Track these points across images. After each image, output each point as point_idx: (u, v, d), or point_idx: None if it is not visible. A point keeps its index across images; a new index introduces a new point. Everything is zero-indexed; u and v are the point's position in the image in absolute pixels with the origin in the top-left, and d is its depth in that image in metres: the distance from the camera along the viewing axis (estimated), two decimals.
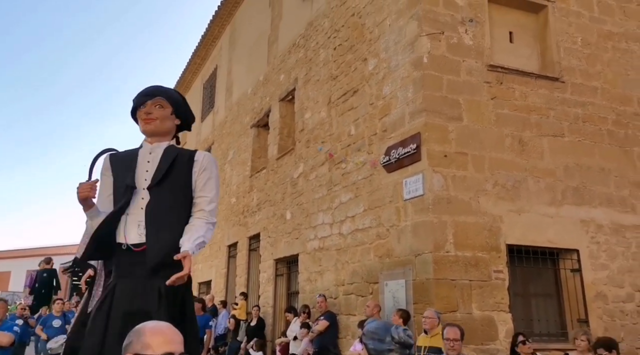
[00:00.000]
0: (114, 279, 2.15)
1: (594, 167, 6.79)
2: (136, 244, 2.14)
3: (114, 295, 2.08)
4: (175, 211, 2.21)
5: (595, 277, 6.41)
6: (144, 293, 2.06)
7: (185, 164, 2.28)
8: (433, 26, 6.30)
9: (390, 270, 6.34)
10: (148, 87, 2.41)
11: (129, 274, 2.12)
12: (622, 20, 7.62)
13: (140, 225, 2.15)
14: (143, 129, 2.35)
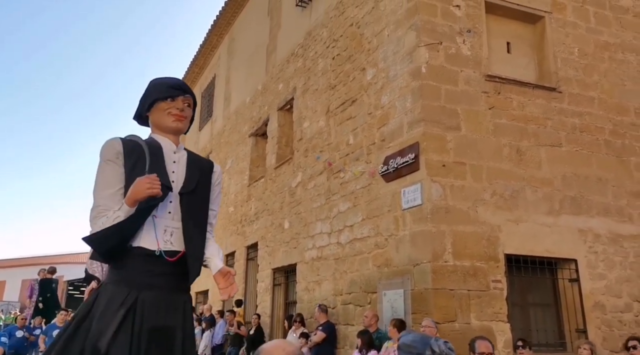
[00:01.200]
0: (130, 289, 1.82)
1: (592, 177, 6.81)
2: (167, 252, 1.89)
3: (136, 308, 1.80)
4: (203, 221, 2.05)
5: (593, 286, 6.41)
6: (170, 308, 1.87)
7: (208, 173, 2.12)
8: (431, 36, 6.34)
9: (389, 280, 6.32)
10: (174, 79, 2.11)
11: (153, 285, 1.86)
12: (618, 31, 7.69)
13: (167, 231, 1.92)
14: (169, 125, 2.02)
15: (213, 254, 2.05)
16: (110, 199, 1.86)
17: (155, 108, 2.04)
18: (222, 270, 1.99)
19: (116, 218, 1.79)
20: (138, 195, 1.79)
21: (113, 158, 1.91)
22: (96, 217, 1.84)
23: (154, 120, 2.05)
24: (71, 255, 27.63)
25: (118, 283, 1.85)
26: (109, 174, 1.89)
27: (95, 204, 1.87)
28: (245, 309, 10.71)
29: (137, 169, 1.90)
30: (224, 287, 1.99)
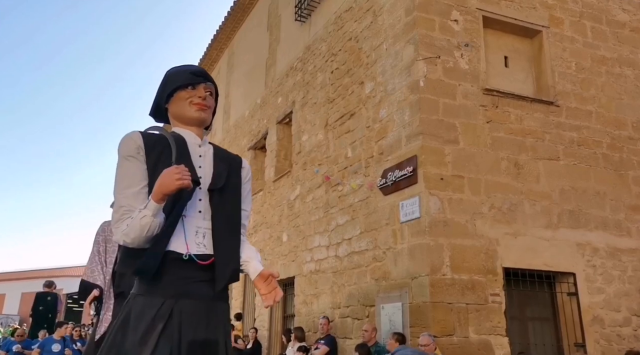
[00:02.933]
0: (165, 299, 1.62)
1: (590, 191, 6.82)
2: (199, 256, 1.68)
3: (172, 319, 1.61)
4: (236, 221, 1.82)
5: (591, 300, 6.38)
6: (210, 319, 1.67)
7: (237, 169, 1.89)
8: (429, 50, 6.39)
9: (387, 293, 6.30)
10: (194, 66, 1.89)
11: (189, 293, 1.66)
12: (615, 45, 7.75)
13: (198, 232, 1.72)
14: (191, 116, 1.81)
15: (250, 256, 1.83)
16: (134, 198, 1.65)
17: (175, 98, 1.82)
18: (262, 273, 1.78)
19: (143, 217, 1.57)
20: (167, 187, 1.57)
21: (134, 153, 1.69)
22: (120, 219, 1.63)
23: (175, 111, 1.84)
24: (71, 269, 27.53)
25: (150, 293, 1.63)
26: (130, 171, 1.68)
27: (118, 204, 1.65)
28: (243, 323, 10.64)
29: (161, 163, 1.69)
30: (266, 292, 1.78)
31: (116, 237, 1.63)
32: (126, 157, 1.69)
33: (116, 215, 1.65)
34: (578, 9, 7.60)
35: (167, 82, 1.84)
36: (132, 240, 1.60)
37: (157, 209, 1.59)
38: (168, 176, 1.58)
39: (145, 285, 1.66)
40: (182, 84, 1.82)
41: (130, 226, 1.59)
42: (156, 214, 1.59)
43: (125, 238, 1.60)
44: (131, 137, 1.72)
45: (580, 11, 7.61)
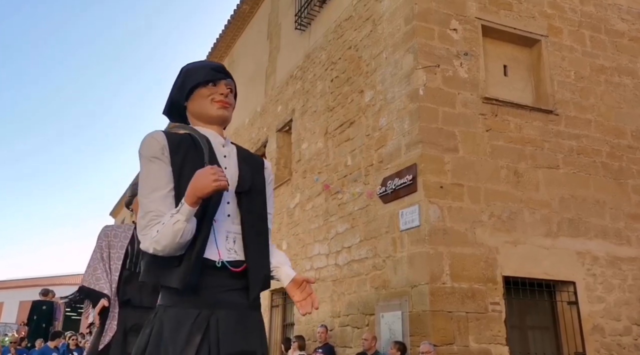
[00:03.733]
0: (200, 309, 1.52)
1: (589, 199, 6.82)
2: (231, 262, 1.58)
3: (209, 331, 1.50)
4: (263, 224, 1.72)
5: (592, 309, 6.36)
6: (246, 328, 1.57)
7: (260, 170, 1.79)
8: (429, 59, 6.42)
9: (387, 302, 6.27)
10: (213, 62, 1.80)
11: (224, 303, 1.55)
12: (614, 54, 7.79)
13: (229, 237, 1.61)
14: (213, 114, 1.71)
15: (281, 261, 1.74)
16: (161, 203, 1.52)
17: (195, 95, 1.71)
18: (296, 279, 1.68)
19: (175, 223, 1.44)
20: (202, 190, 1.45)
21: (158, 154, 1.57)
22: (148, 225, 1.50)
23: (194, 109, 1.72)
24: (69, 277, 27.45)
25: (182, 304, 1.52)
26: (156, 174, 1.56)
27: (145, 209, 1.52)
28: None
29: (188, 164, 1.58)
30: (300, 299, 1.66)
31: (145, 244, 1.49)
32: (150, 158, 1.57)
33: (143, 221, 1.52)
34: (577, 19, 7.64)
35: (186, 79, 1.72)
36: (164, 248, 1.46)
37: (190, 214, 1.47)
38: (203, 178, 1.46)
39: (177, 296, 1.53)
40: (203, 81, 1.70)
41: (161, 233, 1.46)
42: (189, 218, 1.47)
43: (155, 246, 1.47)
44: (154, 137, 1.59)
45: (579, 20, 7.65)
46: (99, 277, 3.04)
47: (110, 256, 3.09)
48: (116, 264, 3.07)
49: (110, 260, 3.09)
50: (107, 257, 3.08)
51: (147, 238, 1.49)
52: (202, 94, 1.70)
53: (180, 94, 1.73)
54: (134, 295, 3.04)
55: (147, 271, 1.56)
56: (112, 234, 3.14)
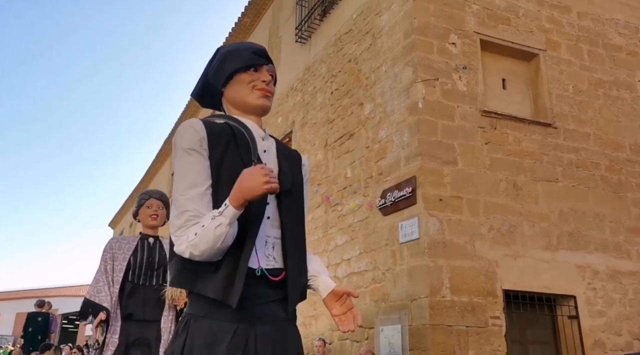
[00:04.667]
0: (237, 323, 1.34)
1: (589, 212, 6.81)
2: (270, 271, 1.40)
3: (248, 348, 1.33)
4: (302, 228, 1.55)
5: (592, 324, 6.32)
6: (285, 345, 1.41)
7: (299, 167, 1.61)
8: (428, 73, 6.46)
9: (386, 315, 6.23)
10: (255, 44, 1.60)
11: (264, 316, 1.38)
12: (612, 68, 7.83)
13: (268, 242, 1.44)
14: (254, 103, 1.53)
15: (318, 270, 1.56)
16: (199, 202, 1.35)
17: (235, 81, 1.53)
18: (336, 291, 1.52)
19: (218, 226, 1.28)
20: (251, 192, 1.28)
21: (196, 146, 1.39)
22: (184, 226, 1.33)
23: (232, 96, 1.54)
24: (66, 288, 27.28)
25: (217, 316, 1.34)
26: (193, 168, 1.37)
27: (181, 208, 1.34)
28: None
29: (228, 159, 1.41)
30: (339, 313, 1.51)
31: (180, 248, 1.32)
32: (187, 150, 1.38)
33: (178, 221, 1.34)
34: (575, 33, 7.70)
35: (225, 62, 1.54)
36: (202, 253, 1.30)
37: (235, 217, 1.30)
38: (253, 178, 1.29)
39: (211, 306, 1.34)
40: (244, 66, 1.53)
41: (200, 236, 1.29)
42: (233, 222, 1.30)
43: (192, 250, 1.30)
44: (192, 126, 1.41)
45: (576, 35, 7.71)
46: (100, 289, 3.01)
47: (114, 268, 3.06)
48: (118, 277, 3.04)
49: (113, 272, 3.06)
50: (111, 270, 3.05)
51: (182, 240, 1.32)
52: (242, 80, 1.52)
53: (217, 78, 1.55)
54: (137, 309, 3.00)
55: (178, 276, 1.38)
56: (117, 246, 3.12)
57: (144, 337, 2.97)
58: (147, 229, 3.22)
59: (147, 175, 22.56)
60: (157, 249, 3.18)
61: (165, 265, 3.14)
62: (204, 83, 1.60)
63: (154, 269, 3.11)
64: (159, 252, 3.16)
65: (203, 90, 1.61)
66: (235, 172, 1.36)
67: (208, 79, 1.57)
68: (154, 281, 3.09)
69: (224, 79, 1.53)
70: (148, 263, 3.11)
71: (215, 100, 1.60)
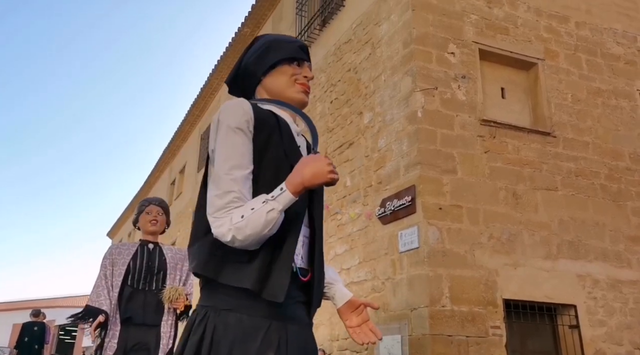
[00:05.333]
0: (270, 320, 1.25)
1: (589, 221, 6.80)
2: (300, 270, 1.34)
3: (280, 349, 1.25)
4: (322, 228, 1.48)
5: (593, 333, 6.28)
6: (308, 350, 1.35)
7: None
8: (427, 82, 6.48)
9: (386, 325, 6.19)
10: (299, 40, 1.58)
11: (295, 316, 1.31)
12: (610, 77, 7.87)
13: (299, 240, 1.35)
14: (294, 97, 1.47)
15: (335, 278, 1.49)
16: (243, 184, 1.25)
17: (277, 71, 1.47)
18: (352, 301, 1.46)
19: (270, 211, 1.19)
20: (313, 178, 1.22)
21: (243, 126, 1.29)
22: (226, 207, 1.22)
23: (272, 86, 1.47)
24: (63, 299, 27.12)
25: (247, 310, 1.23)
26: (239, 148, 1.27)
27: (225, 188, 1.23)
28: None
29: (272, 148, 1.32)
30: (355, 325, 1.44)
31: (220, 230, 1.20)
32: (234, 129, 1.28)
33: (220, 201, 1.22)
34: (573, 42, 7.75)
35: (270, 50, 1.48)
36: (246, 238, 1.19)
37: (289, 204, 1.22)
38: (319, 165, 1.23)
39: (240, 299, 1.23)
40: (290, 57, 1.48)
41: (248, 219, 1.18)
42: (284, 209, 1.21)
43: (236, 233, 1.19)
44: (241, 105, 1.32)
45: (575, 44, 7.75)
46: (99, 293, 3.00)
47: (113, 273, 3.06)
48: (117, 281, 3.04)
49: (112, 277, 3.05)
50: (110, 275, 3.05)
51: (224, 222, 1.20)
52: (285, 71, 1.47)
53: (259, 64, 1.47)
54: (137, 313, 2.98)
55: (204, 263, 1.26)
56: (116, 251, 3.13)
57: (143, 341, 2.96)
58: (146, 235, 3.22)
59: (147, 184, 22.55)
60: (157, 254, 3.18)
61: (165, 270, 3.14)
62: (239, 69, 1.53)
63: (154, 274, 3.10)
64: (158, 257, 3.16)
65: (236, 76, 1.54)
66: (278, 162, 1.31)
67: (247, 65, 1.50)
68: (154, 286, 3.08)
69: (266, 67, 1.47)
70: (148, 268, 3.10)
71: (247, 87, 1.52)
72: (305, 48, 1.53)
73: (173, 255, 3.21)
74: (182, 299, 2.98)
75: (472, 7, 7.16)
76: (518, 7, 7.50)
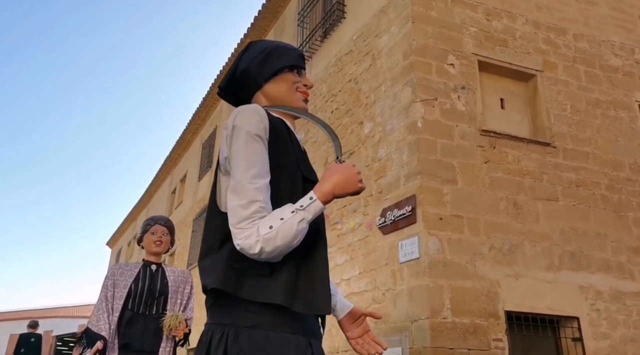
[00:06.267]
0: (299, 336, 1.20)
1: (590, 232, 6.77)
2: None
3: None
4: None
5: (597, 346, 6.21)
6: None
7: None
8: (426, 93, 6.50)
9: (387, 337, 6.13)
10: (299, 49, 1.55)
11: (316, 332, 1.28)
12: (609, 88, 7.89)
13: None
14: (296, 104, 1.46)
15: (334, 290, 1.46)
16: (266, 194, 1.20)
17: (280, 78, 1.44)
18: (354, 311, 1.45)
19: (301, 221, 1.15)
20: (345, 187, 1.21)
21: (262, 133, 1.25)
22: (252, 217, 1.16)
23: (274, 93, 1.43)
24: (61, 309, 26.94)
25: (273, 325, 1.17)
26: (260, 157, 1.23)
27: (250, 197, 1.17)
28: None
29: (287, 157, 1.29)
30: (356, 336, 1.42)
31: (247, 241, 1.14)
32: (254, 136, 1.23)
33: (245, 212, 1.16)
34: (571, 54, 7.78)
35: (273, 56, 1.45)
36: (274, 249, 1.14)
37: (319, 213, 1.18)
38: (350, 174, 1.22)
39: (263, 314, 1.17)
40: (293, 65, 1.46)
41: (278, 230, 1.13)
42: (312, 219, 1.17)
43: (264, 245, 1.13)
44: (257, 112, 1.27)
45: (573, 56, 7.79)
46: (99, 317, 2.95)
47: (114, 296, 3.01)
48: (117, 304, 2.98)
49: (113, 300, 3.00)
50: (111, 297, 3.00)
51: (251, 233, 1.14)
52: (288, 78, 1.45)
53: (262, 70, 1.43)
54: (135, 339, 2.94)
55: (224, 277, 1.18)
56: (119, 272, 3.06)
57: None
58: (150, 255, 3.17)
59: (147, 193, 22.52)
60: (159, 276, 3.13)
61: (167, 293, 3.09)
62: (234, 73, 1.47)
63: (155, 298, 3.05)
64: (160, 280, 3.11)
65: (231, 80, 1.49)
66: (292, 170, 1.28)
67: (248, 70, 1.44)
68: (154, 310, 3.04)
69: (269, 73, 1.43)
70: (149, 291, 3.05)
71: (244, 92, 1.48)
72: (303, 56, 1.53)
73: (175, 278, 3.17)
74: (182, 327, 2.95)
75: (471, 19, 7.21)
76: (516, 19, 7.55)
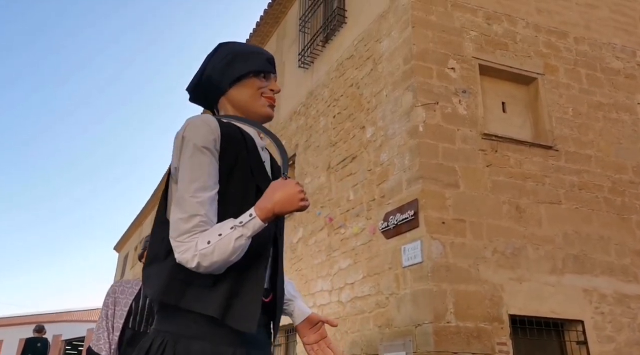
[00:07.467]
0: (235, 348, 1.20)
1: (593, 235, 6.76)
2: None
3: None
4: (283, 246, 1.47)
5: (602, 350, 6.20)
6: None
7: None
8: (428, 97, 6.52)
9: (390, 342, 6.15)
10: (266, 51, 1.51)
11: (257, 341, 1.27)
12: (610, 91, 7.89)
13: None
14: (260, 111, 1.42)
15: (294, 295, 1.48)
16: (210, 207, 1.20)
17: (245, 83, 1.41)
18: (311, 317, 1.44)
19: (239, 238, 1.15)
20: (284, 206, 1.19)
21: (210, 145, 1.24)
22: (191, 231, 1.16)
23: (238, 99, 1.41)
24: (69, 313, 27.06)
25: (210, 337, 1.17)
26: (206, 169, 1.22)
27: (191, 211, 1.18)
28: None
29: (239, 167, 1.28)
30: (312, 342, 1.41)
31: (185, 255, 1.15)
32: (201, 148, 1.22)
33: (185, 226, 1.17)
34: (572, 57, 7.79)
35: (236, 61, 1.41)
36: (210, 265, 1.14)
37: (258, 231, 1.18)
38: (291, 193, 1.20)
39: (202, 325, 1.17)
40: (257, 70, 1.42)
41: (216, 246, 1.14)
42: (251, 236, 1.17)
43: (201, 260, 1.14)
44: (207, 122, 1.25)
45: (574, 59, 7.80)
46: (99, 336, 2.92)
47: (115, 314, 2.98)
48: (118, 323, 2.95)
49: (114, 318, 2.97)
50: (112, 315, 2.97)
51: (189, 247, 1.15)
52: (252, 84, 1.41)
53: (225, 75, 1.40)
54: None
55: (166, 287, 1.19)
56: (119, 290, 3.04)
57: None
58: None
59: (154, 197, 22.60)
60: None
61: None
62: (201, 78, 1.45)
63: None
64: None
65: (198, 85, 1.46)
66: (244, 181, 1.27)
67: (211, 74, 1.42)
68: None
69: (232, 79, 1.40)
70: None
71: (209, 97, 1.46)
72: (272, 60, 1.48)
73: None
74: None
75: (472, 23, 7.24)
76: (517, 23, 7.57)
